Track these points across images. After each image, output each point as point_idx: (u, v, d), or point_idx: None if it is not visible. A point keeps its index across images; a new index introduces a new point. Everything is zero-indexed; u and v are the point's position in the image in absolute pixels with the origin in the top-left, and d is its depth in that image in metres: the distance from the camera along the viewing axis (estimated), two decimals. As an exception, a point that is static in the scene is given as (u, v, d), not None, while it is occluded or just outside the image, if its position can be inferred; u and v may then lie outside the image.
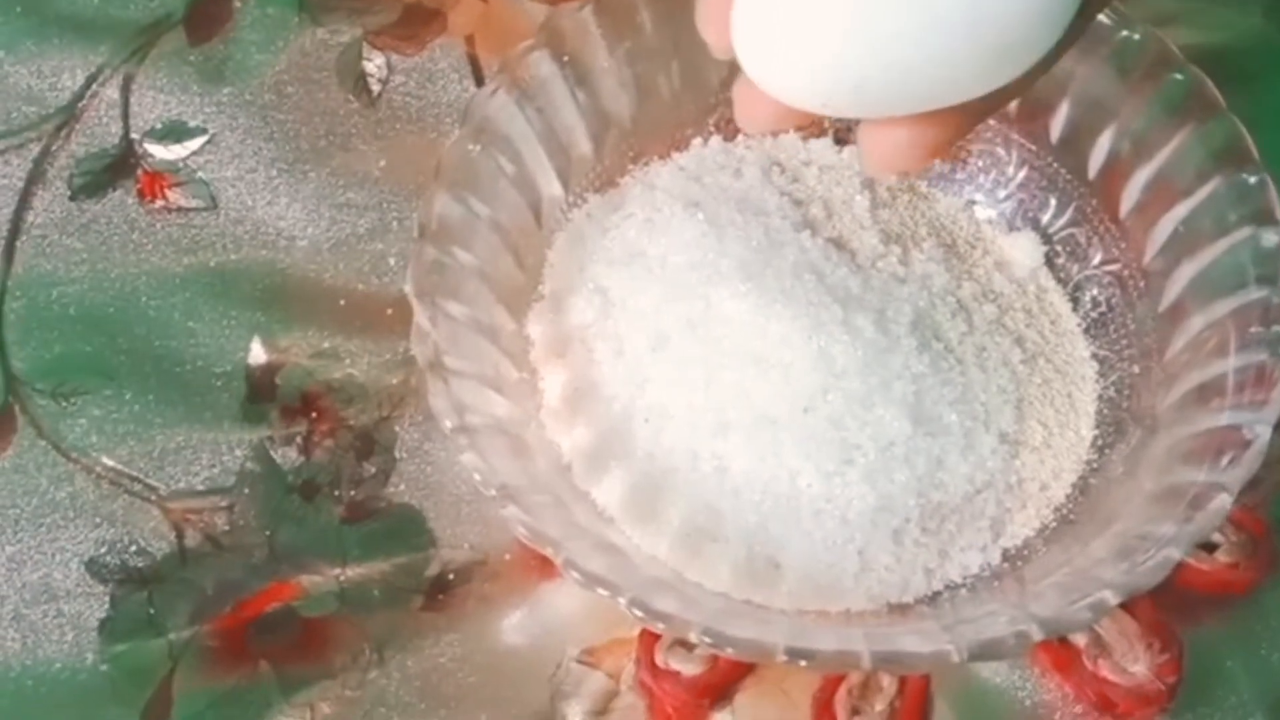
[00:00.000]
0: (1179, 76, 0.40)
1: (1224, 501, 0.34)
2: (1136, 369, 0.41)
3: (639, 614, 0.33)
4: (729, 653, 0.33)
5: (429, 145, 0.47)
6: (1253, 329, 0.37)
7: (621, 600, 0.33)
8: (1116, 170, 0.42)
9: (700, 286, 0.39)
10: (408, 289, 0.37)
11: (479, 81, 0.49)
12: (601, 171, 0.44)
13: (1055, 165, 0.44)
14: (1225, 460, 0.35)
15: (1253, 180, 0.38)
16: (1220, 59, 0.42)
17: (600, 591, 0.33)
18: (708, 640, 0.32)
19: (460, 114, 0.41)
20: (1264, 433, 0.35)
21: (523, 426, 0.39)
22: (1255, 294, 0.37)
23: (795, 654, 0.32)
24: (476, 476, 0.35)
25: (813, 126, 0.45)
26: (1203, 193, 0.39)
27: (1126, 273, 0.42)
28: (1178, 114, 0.40)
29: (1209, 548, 0.40)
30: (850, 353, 0.38)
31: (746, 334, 0.38)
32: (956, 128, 0.29)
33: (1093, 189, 0.43)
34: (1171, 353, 0.39)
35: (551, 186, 0.43)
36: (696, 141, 0.45)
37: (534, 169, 0.42)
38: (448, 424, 0.36)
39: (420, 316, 0.37)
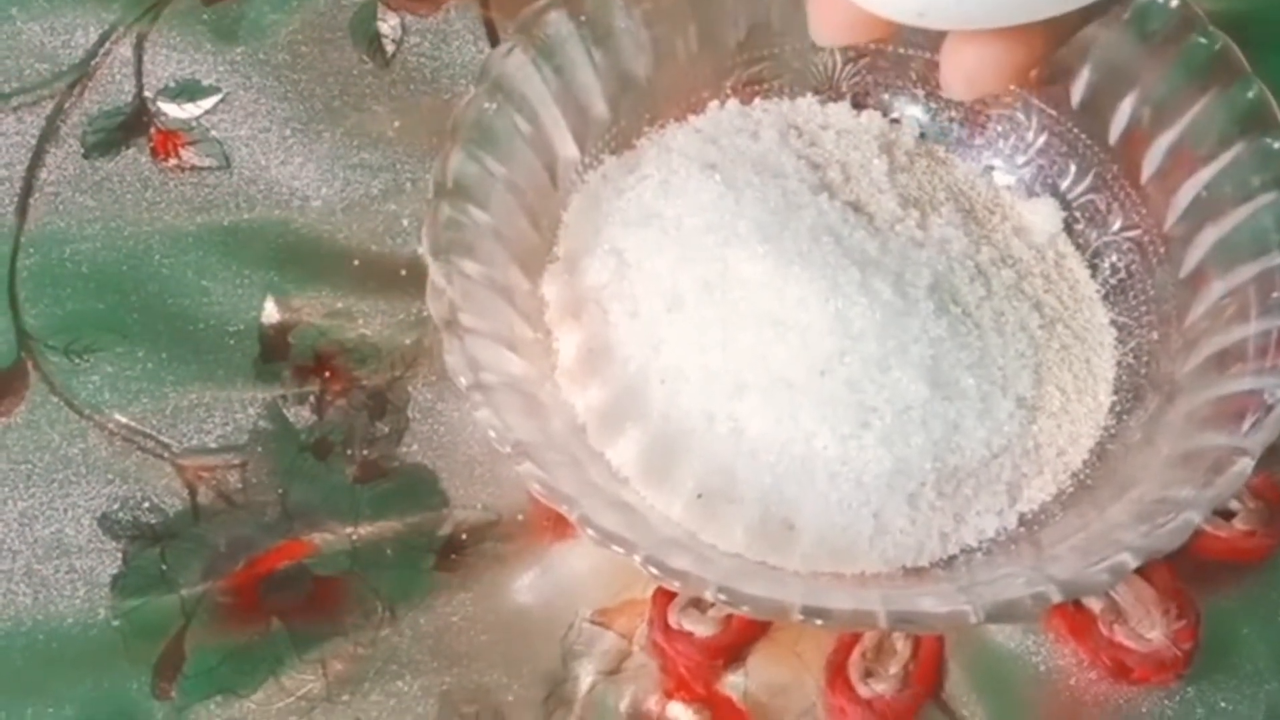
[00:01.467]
0: (1202, 40, 0.40)
1: (1245, 465, 0.34)
2: (1156, 335, 0.40)
3: (654, 572, 0.33)
4: (744, 611, 0.33)
5: (443, 107, 0.47)
6: (1275, 294, 0.36)
7: (636, 558, 0.33)
8: (1138, 135, 0.41)
9: (717, 248, 0.39)
10: (423, 246, 0.37)
11: (494, 43, 0.48)
12: (617, 133, 0.43)
13: (1075, 130, 0.43)
14: (1246, 425, 0.34)
15: (1277, 145, 0.38)
16: (1245, 24, 0.42)
17: (615, 549, 0.33)
18: (723, 598, 0.32)
19: (475, 75, 0.41)
20: (1286, 397, 0.34)
21: (537, 386, 0.38)
22: (1278, 258, 0.37)
23: (811, 613, 0.32)
24: (491, 433, 0.35)
25: (868, 56, 0.44)
26: (1226, 158, 0.39)
27: (1147, 239, 0.42)
28: (1201, 78, 0.40)
29: (1226, 515, 0.40)
30: (868, 315, 0.38)
31: (763, 296, 0.38)
32: (1043, 47, 0.29)
33: (1113, 154, 0.42)
34: (1192, 319, 0.39)
35: (567, 147, 0.42)
36: (713, 104, 0.44)
37: (550, 129, 0.42)
38: (463, 381, 0.35)
39: (435, 274, 0.37)
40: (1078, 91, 0.43)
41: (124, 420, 0.42)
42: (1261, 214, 0.38)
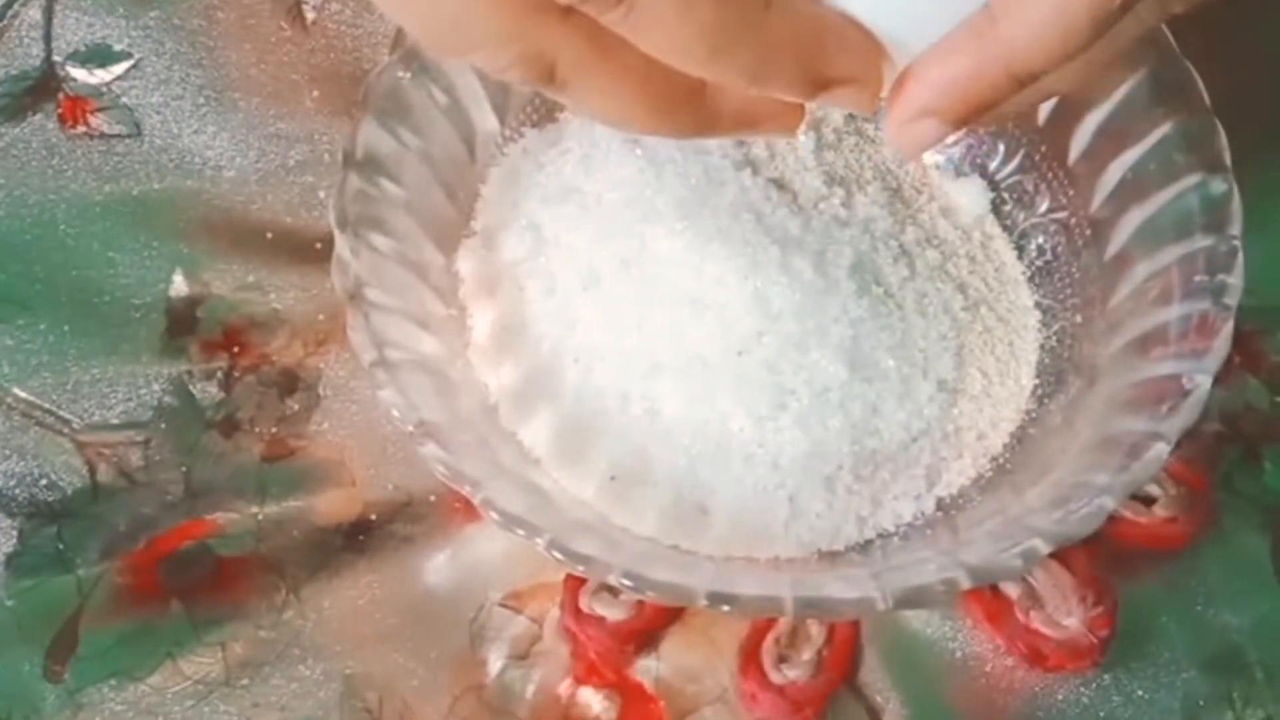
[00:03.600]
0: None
1: (1161, 451, 0.33)
2: (1079, 318, 0.40)
3: (558, 556, 0.32)
4: (650, 596, 0.32)
5: (364, 76, 0.45)
6: (1197, 277, 0.36)
7: (540, 541, 0.32)
8: (1066, 116, 0.41)
9: (635, 224, 0.38)
10: (331, 219, 0.36)
11: (418, 12, 0.47)
12: (539, 105, 0.42)
13: (1005, 110, 0.43)
14: (1164, 409, 0.34)
15: (1202, 125, 0.38)
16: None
17: (519, 533, 0.32)
18: (628, 583, 0.31)
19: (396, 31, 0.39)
20: (1204, 382, 0.34)
21: (448, 364, 0.37)
22: (1201, 242, 0.37)
23: (716, 599, 0.31)
24: (394, 413, 0.34)
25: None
26: (1152, 138, 0.38)
27: (1073, 220, 0.41)
28: (1128, 59, 0.39)
29: (1147, 501, 0.39)
30: (787, 295, 0.37)
31: (681, 274, 0.37)
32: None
33: (1042, 135, 0.42)
34: (1115, 301, 0.38)
35: (487, 120, 0.41)
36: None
37: (468, 100, 0.40)
38: (366, 358, 0.34)
39: (341, 247, 0.36)
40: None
41: (23, 395, 0.40)
42: (1186, 196, 0.37)
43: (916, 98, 0.27)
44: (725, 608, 0.31)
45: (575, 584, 0.38)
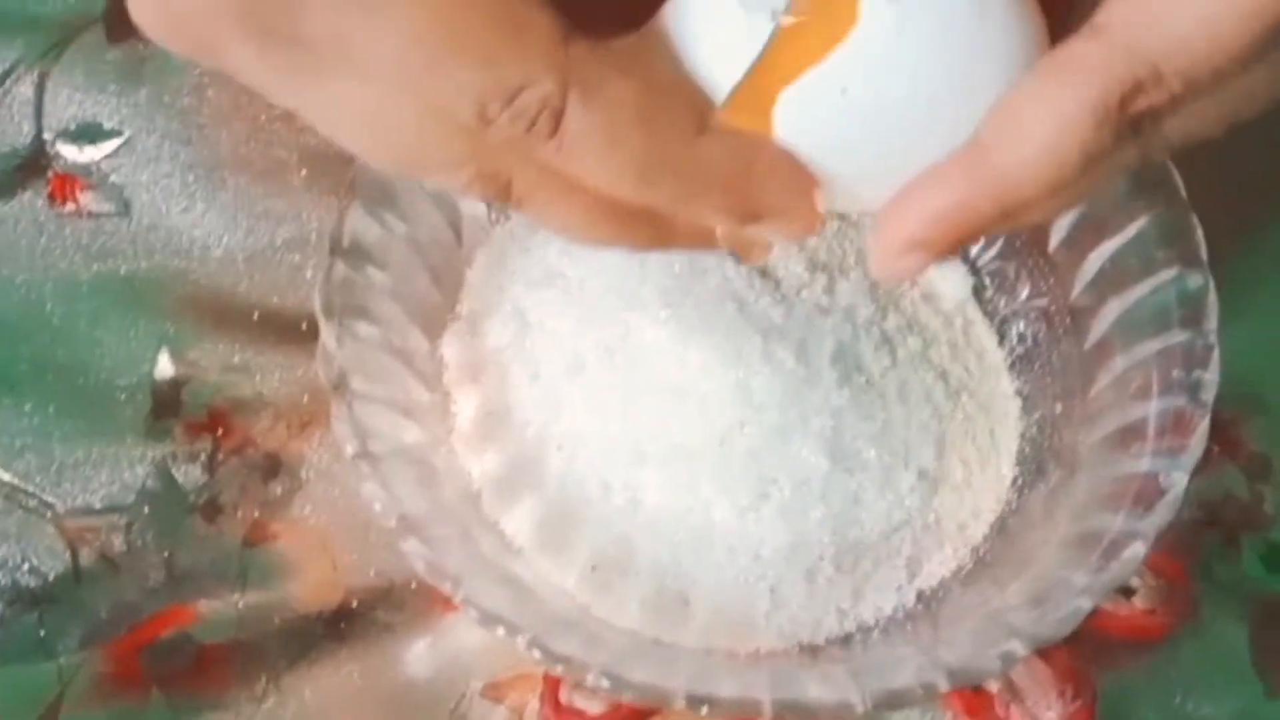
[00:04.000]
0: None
1: (1138, 550, 0.33)
2: (1059, 408, 0.40)
3: (537, 655, 0.32)
4: (627, 698, 0.32)
5: (351, 155, 0.46)
6: (1174, 372, 0.36)
7: (520, 640, 0.32)
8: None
9: (619, 312, 0.38)
10: (316, 307, 0.36)
11: (407, 91, 0.48)
12: (526, 189, 0.43)
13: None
14: (1141, 508, 0.34)
15: (1179, 219, 0.38)
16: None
17: (499, 631, 0.32)
18: (605, 685, 0.31)
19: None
20: (1180, 480, 0.34)
21: (431, 452, 0.38)
22: (1179, 336, 0.37)
23: (695, 700, 0.31)
24: (377, 506, 0.34)
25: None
26: (1130, 230, 0.39)
27: (1053, 309, 0.41)
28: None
29: (1126, 592, 0.39)
30: (769, 385, 0.37)
31: (665, 362, 0.37)
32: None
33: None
34: (1094, 392, 0.39)
35: (475, 204, 0.42)
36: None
37: (455, 185, 0.41)
38: (349, 449, 0.34)
39: (327, 336, 0.36)
40: (989, 158, 0.42)
41: (6, 477, 0.40)
42: (1164, 289, 0.38)
43: (904, 231, 0.27)
44: (704, 709, 0.31)
45: (555, 676, 0.38)
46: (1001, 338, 0.42)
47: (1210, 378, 0.36)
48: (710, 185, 0.27)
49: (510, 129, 0.25)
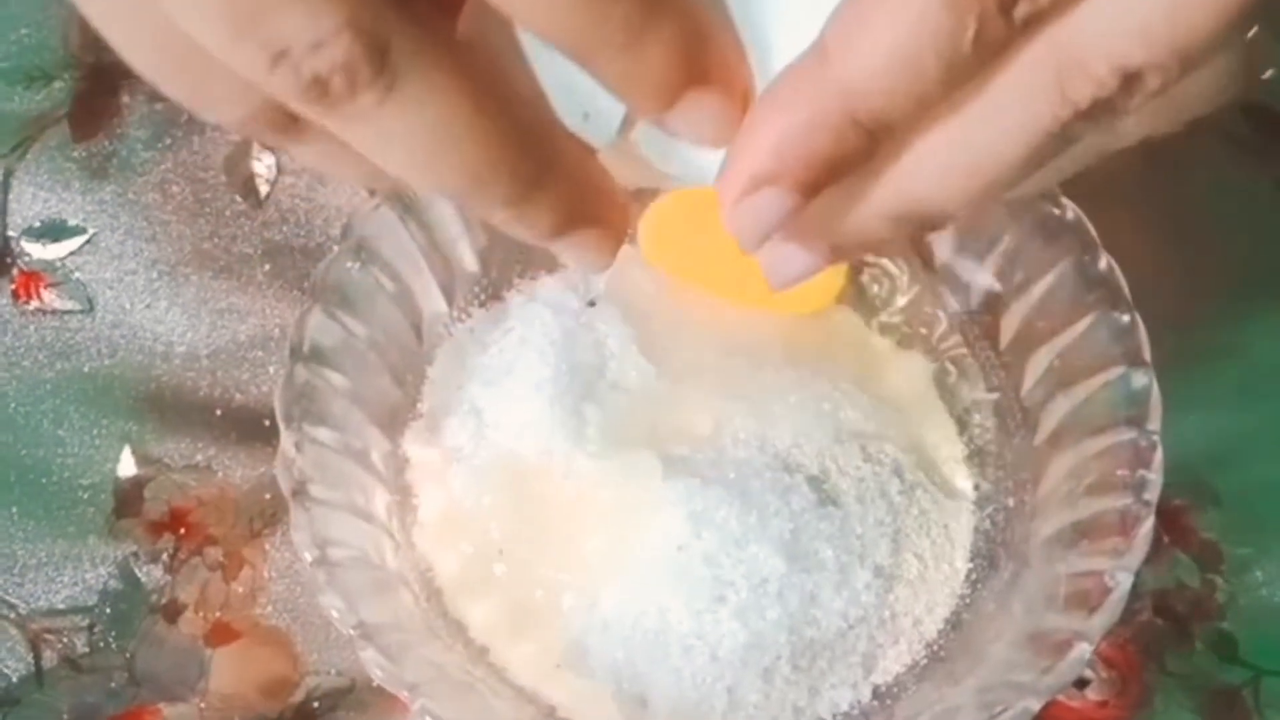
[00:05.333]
0: (1054, 210, 0.40)
1: (1083, 651, 0.34)
2: (1011, 502, 0.41)
3: (494, 763, 0.32)
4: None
5: (315, 249, 0.46)
6: (1120, 471, 0.37)
7: (477, 749, 0.32)
8: (997, 301, 0.42)
9: (569, 425, 0.39)
10: (277, 413, 0.37)
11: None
12: (487, 285, 0.43)
13: (941, 289, 0.44)
14: (1087, 609, 0.35)
15: (1124, 319, 0.39)
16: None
17: (455, 740, 0.32)
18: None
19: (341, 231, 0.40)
20: (1125, 580, 0.35)
21: (391, 555, 0.38)
22: (1124, 435, 0.38)
23: (650, 811, 0.32)
24: (334, 614, 0.34)
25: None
26: (1076, 329, 0.40)
27: (1006, 403, 0.42)
28: (1054, 248, 0.40)
29: (1080, 684, 0.40)
30: (725, 490, 0.38)
31: (615, 475, 0.38)
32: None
33: (974, 318, 0.43)
34: (1044, 489, 0.39)
35: (435, 302, 0.42)
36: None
37: (415, 285, 0.41)
38: (308, 557, 0.35)
39: (286, 444, 0.36)
40: (941, 251, 0.43)
41: (-31, 580, 0.41)
42: (1110, 387, 0.39)
43: (746, 162, 0.23)
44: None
45: (516, 777, 0.38)
46: (962, 427, 0.43)
47: (1154, 477, 0.36)
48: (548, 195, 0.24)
49: (295, 83, 0.22)
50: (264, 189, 0.48)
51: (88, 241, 0.46)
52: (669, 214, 0.41)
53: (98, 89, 0.49)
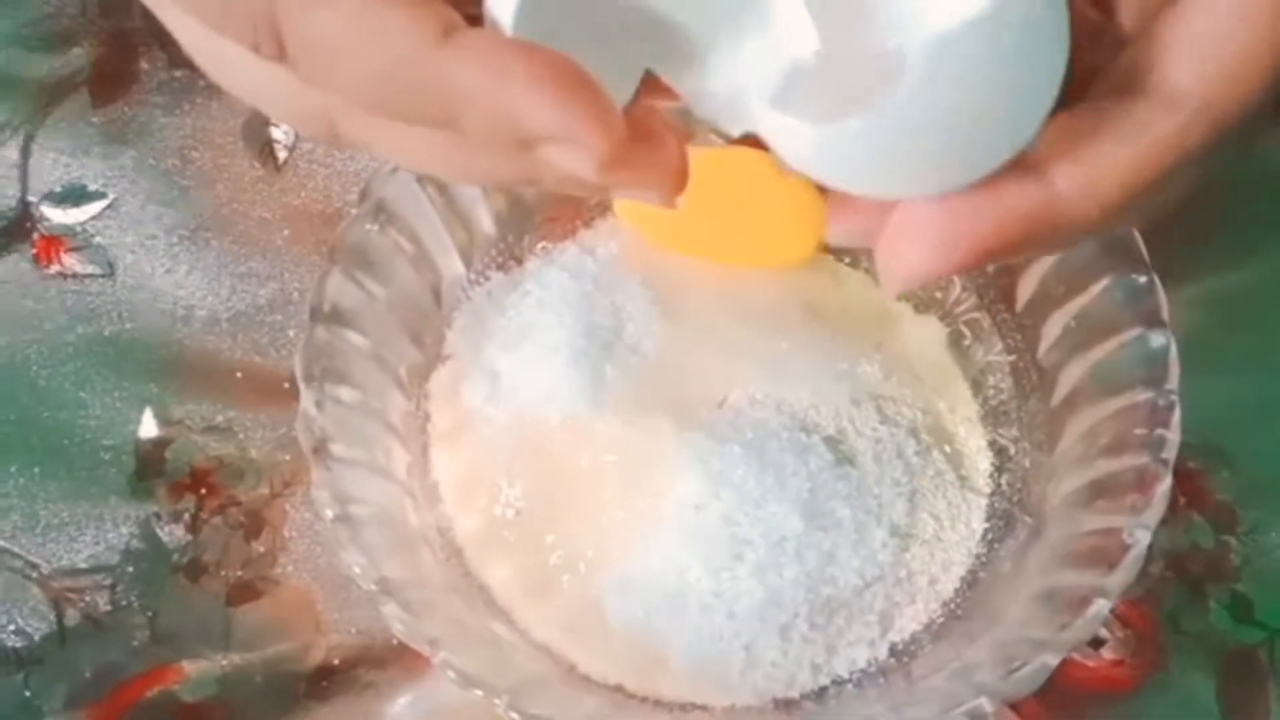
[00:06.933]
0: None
1: (1101, 608, 0.34)
2: (1028, 462, 0.41)
3: (515, 717, 0.32)
4: (603, 759, 0.33)
5: (334, 215, 0.47)
6: (1137, 430, 0.37)
7: (499, 702, 0.33)
8: (1010, 265, 0.42)
9: (589, 381, 0.39)
10: (297, 372, 0.37)
11: (388, 151, 0.48)
12: (505, 248, 0.44)
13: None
14: (1105, 565, 0.35)
15: (1142, 280, 0.39)
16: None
17: (477, 692, 0.33)
18: (580, 746, 0.32)
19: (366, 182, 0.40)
20: (1143, 538, 0.35)
21: (412, 513, 0.38)
22: (1141, 395, 0.38)
23: (669, 761, 0.32)
24: (356, 571, 0.34)
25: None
26: (1093, 291, 0.40)
27: (1022, 365, 0.42)
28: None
29: (1095, 644, 0.40)
30: (743, 449, 0.38)
31: (634, 434, 0.38)
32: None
33: (991, 280, 0.43)
34: (1061, 449, 0.39)
35: (453, 265, 0.42)
36: (601, 221, 0.44)
37: (434, 248, 0.42)
38: (329, 514, 0.35)
39: (307, 402, 0.37)
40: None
41: (-7, 539, 0.41)
42: (1128, 348, 0.39)
43: (954, 235, 0.24)
44: (678, 769, 0.32)
45: (535, 732, 0.38)
46: (977, 388, 0.43)
47: (1172, 436, 0.36)
48: (462, 100, 0.22)
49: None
50: (282, 155, 0.48)
51: (108, 207, 0.47)
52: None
53: (117, 55, 0.49)
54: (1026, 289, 0.42)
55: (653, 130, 0.25)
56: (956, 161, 0.25)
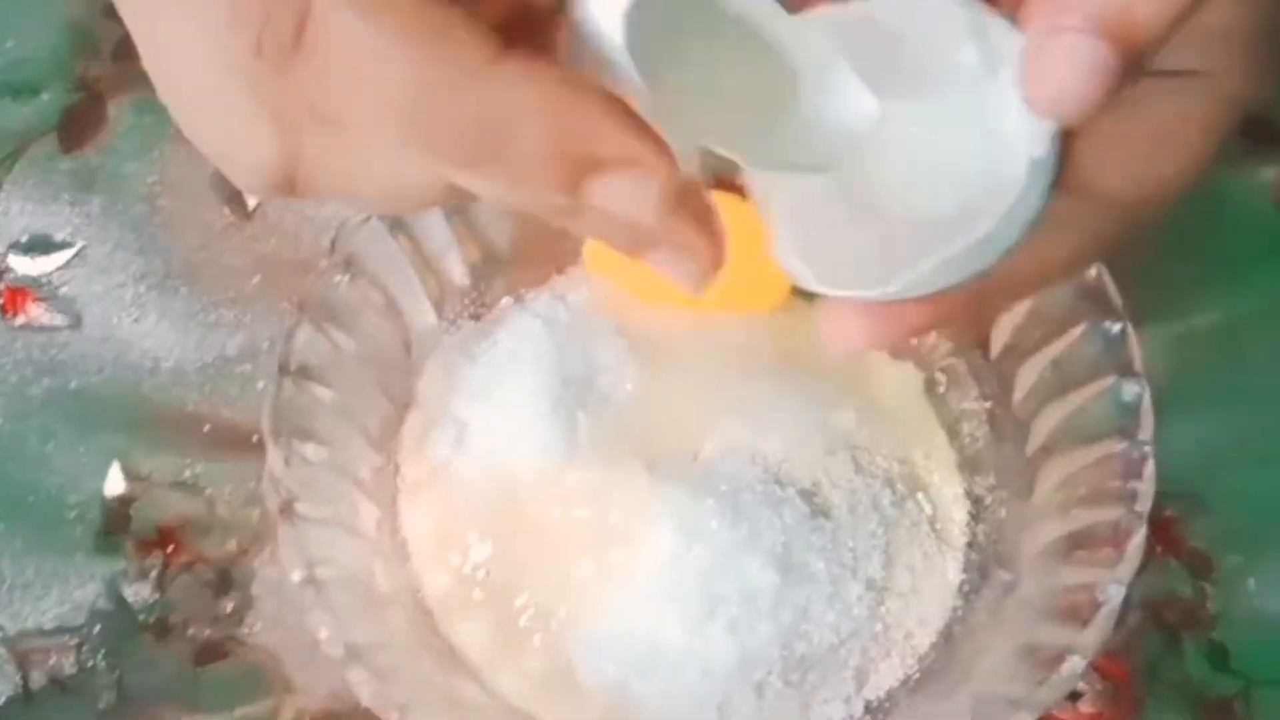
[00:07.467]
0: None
1: (1076, 664, 0.34)
2: (1004, 512, 0.41)
3: (483, 785, 0.32)
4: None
5: (305, 261, 0.46)
6: (1111, 482, 0.37)
7: (466, 770, 0.32)
8: (987, 311, 0.42)
9: (557, 436, 0.39)
10: (264, 429, 0.37)
11: (358, 197, 0.48)
12: (477, 297, 0.43)
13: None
14: (1079, 621, 0.34)
15: (1115, 329, 0.39)
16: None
17: (445, 760, 0.32)
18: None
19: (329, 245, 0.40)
20: (1117, 594, 0.35)
21: (380, 574, 0.38)
22: (1116, 445, 0.37)
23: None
24: (322, 634, 0.34)
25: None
26: (1068, 337, 0.39)
27: (998, 412, 0.42)
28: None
29: (1073, 696, 0.40)
30: (717, 502, 0.38)
31: (606, 488, 0.37)
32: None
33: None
34: (1036, 498, 0.39)
35: (425, 315, 0.42)
36: (574, 268, 0.44)
37: (405, 299, 0.41)
38: (295, 576, 0.35)
39: (274, 460, 0.36)
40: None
41: (-45, 600, 0.40)
42: (1103, 397, 0.38)
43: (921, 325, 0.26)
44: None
45: (507, 795, 0.38)
46: (954, 435, 0.42)
47: (1145, 488, 0.36)
48: (521, 118, 0.21)
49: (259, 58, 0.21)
50: (252, 201, 0.48)
51: (75, 255, 0.46)
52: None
53: (86, 102, 0.48)
54: (1001, 335, 0.42)
55: (703, 199, 0.24)
56: (939, 272, 0.26)
